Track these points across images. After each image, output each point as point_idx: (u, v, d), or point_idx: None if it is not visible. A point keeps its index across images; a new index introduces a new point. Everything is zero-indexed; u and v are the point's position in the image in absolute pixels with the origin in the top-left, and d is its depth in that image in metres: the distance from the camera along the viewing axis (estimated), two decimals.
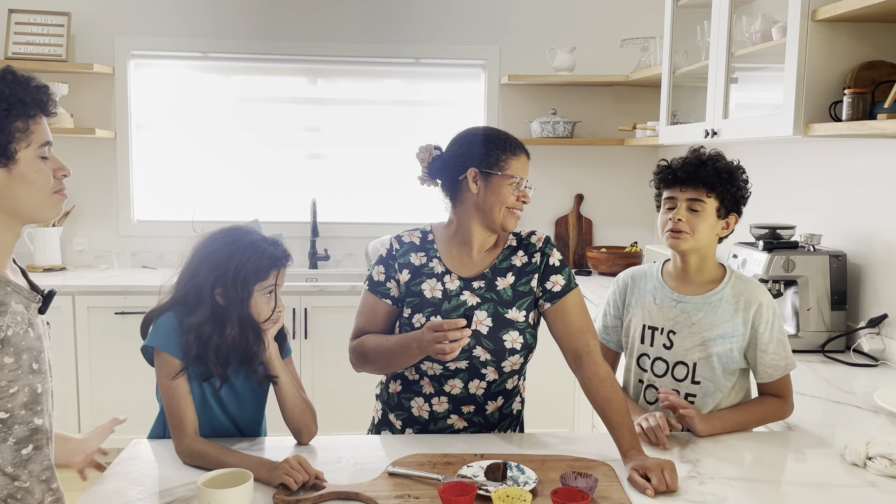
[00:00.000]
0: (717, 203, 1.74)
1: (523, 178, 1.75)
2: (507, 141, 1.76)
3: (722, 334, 1.76)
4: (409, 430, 1.81)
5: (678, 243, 1.76)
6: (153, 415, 1.78)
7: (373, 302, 1.80)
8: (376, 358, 1.73)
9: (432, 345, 1.55)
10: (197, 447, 1.56)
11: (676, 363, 1.80)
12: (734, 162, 1.79)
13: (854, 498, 1.42)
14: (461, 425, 1.78)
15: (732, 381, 1.79)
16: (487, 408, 1.77)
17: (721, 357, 1.76)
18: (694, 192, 1.74)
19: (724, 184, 1.73)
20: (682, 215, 1.74)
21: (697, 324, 1.77)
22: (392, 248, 1.80)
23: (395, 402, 1.83)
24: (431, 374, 1.75)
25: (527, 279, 1.76)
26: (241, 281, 1.58)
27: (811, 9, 2.14)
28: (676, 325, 1.79)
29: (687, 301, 1.79)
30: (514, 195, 1.72)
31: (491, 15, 4.08)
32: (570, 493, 1.30)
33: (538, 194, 4.17)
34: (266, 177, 4.14)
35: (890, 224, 2.38)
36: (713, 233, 1.77)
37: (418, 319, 1.73)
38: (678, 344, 1.79)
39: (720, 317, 1.76)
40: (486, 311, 1.73)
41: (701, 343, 1.77)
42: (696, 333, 1.77)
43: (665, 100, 3.25)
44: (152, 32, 3.94)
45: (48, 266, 3.83)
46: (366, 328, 1.80)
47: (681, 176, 1.75)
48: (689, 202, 1.74)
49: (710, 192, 1.73)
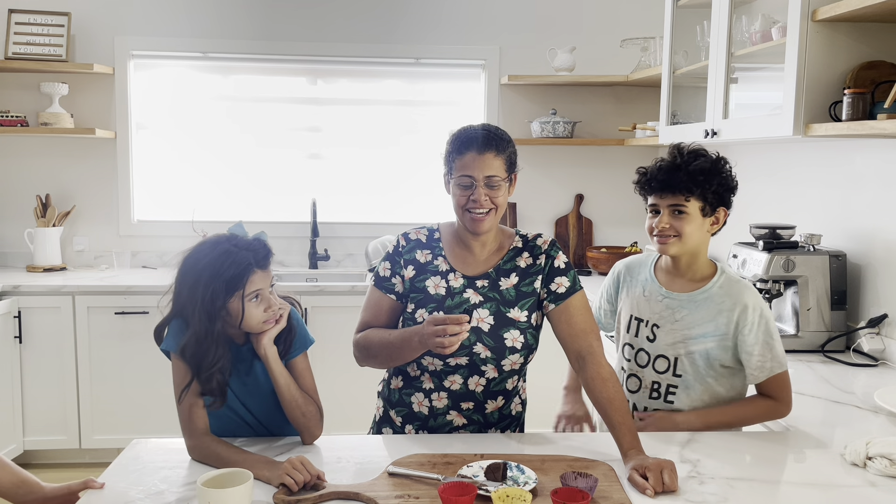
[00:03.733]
0: (700, 203, 1.73)
1: (472, 175, 1.68)
2: (458, 139, 1.71)
3: (703, 333, 1.76)
4: (409, 426, 1.81)
5: (666, 248, 1.77)
6: (153, 415, 1.78)
7: (378, 297, 1.82)
8: (379, 351, 1.75)
9: (432, 338, 1.57)
10: (205, 444, 1.57)
11: (658, 356, 1.82)
12: (714, 155, 1.76)
13: (854, 498, 1.42)
14: (460, 422, 1.78)
15: (716, 378, 1.78)
16: (487, 406, 1.78)
17: (701, 355, 1.76)
18: (673, 198, 1.74)
19: (701, 185, 1.71)
20: (666, 221, 1.75)
21: (680, 321, 1.79)
22: (398, 245, 1.83)
23: (396, 399, 1.84)
24: (432, 369, 1.76)
25: (530, 280, 1.77)
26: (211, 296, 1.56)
27: (811, 9, 2.15)
28: (661, 319, 1.81)
29: (673, 297, 1.81)
30: (464, 196, 1.69)
31: (491, 15, 4.08)
32: (570, 493, 1.30)
33: (538, 194, 4.23)
34: (266, 177, 4.14)
35: (890, 224, 2.38)
36: (702, 231, 1.76)
37: (421, 315, 1.74)
38: (660, 338, 1.81)
39: (702, 316, 1.77)
40: (487, 310, 1.74)
41: (682, 340, 1.78)
42: (678, 330, 1.79)
43: (665, 100, 3.25)
44: (152, 32, 3.94)
45: (48, 266, 3.83)
46: (370, 322, 1.82)
47: (656, 185, 1.75)
48: (671, 207, 1.75)
49: (689, 197, 1.72)
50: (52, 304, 3.45)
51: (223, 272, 1.56)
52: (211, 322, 1.57)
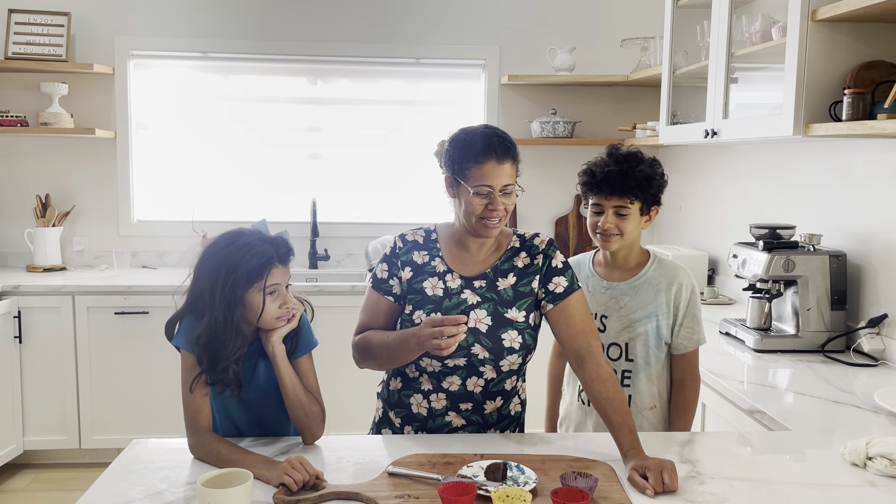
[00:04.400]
0: (640, 204, 1.89)
1: (491, 185, 1.66)
2: (473, 147, 1.68)
3: (647, 314, 1.91)
4: (408, 427, 1.81)
5: (609, 245, 1.92)
6: (153, 415, 1.78)
7: (376, 298, 1.83)
8: (378, 353, 1.75)
9: (429, 340, 1.57)
10: (207, 442, 1.58)
11: (610, 344, 1.94)
12: (650, 159, 1.91)
13: (854, 498, 1.42)
14: (459, 423, 1.78)
15: (663, 356, 1.93)
16: (486, 407, 1.77)
17: (649, 334, 1.91)
18: (619, 200, 1.88)
19: (645, 190, 1.87)
20: (611, 221, 1.89)
21: (625, 307, 1.93)
22: (396, 247, 1.83)
23: (395, 400, 1.84)
24: (430, 370, 1.75)
25: (528, 280, 1.76)
26: (232, 285, 1.57)
27: (811, 9, 2.15)
28: (607, 309, 1.95)
29: (614, 287, 1.95)
30: (481, 205, 1.67)
31: (491, 15, 4.08)
32: (570, 493, 1.30)
33: (538, 194, 4.22)
34: (266, 177, 4.15)
35: (890, 224, 2.38)
36: (639, 229, 1.92)
37: (419, 316, 1.74)
38: (610, 327, 1.94)
39: (644, 299, 1.92)
40: (485, 310, 1.73)
41: (629, 325, 1.92)
42: (625, 316, 1.93)
43: (665, 100, 3.25)
44: (152, 32, 3.94)
45: (48, 266, 3.83)
46: (368, 324, 1.82)
47: (605, 188, 1.89)
48: (616, 208, 1.88)
49: (633, 199, 1.87)
50: (51, 304, 3.45)
51: (245, 262, 1.58)
52: (231, 310, 1.58)
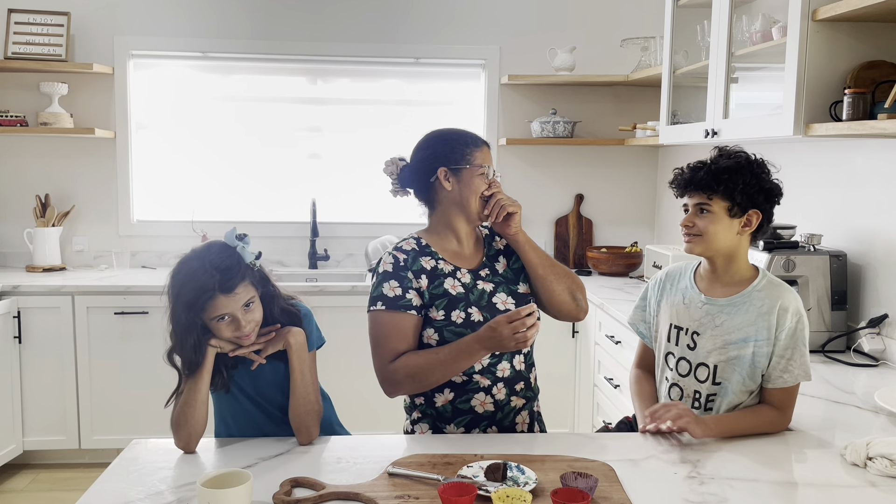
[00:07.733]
0: (726, 203, 1.70)
1: (489, 165, 1.84)
2: (467, 135, 1.86)
3: (744, 338, 1.72)
4: (476, 430, 1.82)
5: (690, 247, 1.76)
6: (152, 415, 1.79)
7: (397, 319, 1.75)
8: (430, 373, 1.71)
9: (511, 338, 1.61)
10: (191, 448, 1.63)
11: (699, 364, 1.77)
12: (753, 156, 1.74)
13: (854, 498, 1.42)
14: (520, 404, 1.85)
15: (755, 388, 1.74)
16: (530, 380, 1.88)
17: (743, 360, 1.72)
18: (698, 196, 1.74)
19: (724, 184, 1.68)
20: (691, 220, 1.75)
21: (721, 326, 1.75)
22: (398, 261, 1.79)
23: (450, 412, 1.80)
24: (480, 368, 1.78)
25: (515, 257, 1.90)
26: (182, 311, 1.61)
27: (811, 9, 2.14)
28: (701, 326, 1.77)
29: (713, 303, 1.77)
30: (485, 183, 1.83)
31: (491, 15, 4.08)
32: (570, 493, 1.30)
33: (538, 194, 4.22)
34: (266, 177, 4.14)
35: (890, 224, 2.38)
36: (730, 233, 1.72)
37: (458, 317, 1.75)
38: (700, 345, 1.77)
39: (743, 320, 1.72)
40: (504, 293, 1.83)
41: (722, 346, 1.74)
42: (718, 336, 1.75)
43: (665, 100, 3.25)
44: (152, 32, 3.94)
45: (48, 266, 3.83)
46: (399, 348, 1.74)
47: (682, 183, 1.77)
48: (697, 206, 1.75)
49: (711, 195, 1.70)
50: (51, 304, 3.45)
51: (185, 294, 1.60)
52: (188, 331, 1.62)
